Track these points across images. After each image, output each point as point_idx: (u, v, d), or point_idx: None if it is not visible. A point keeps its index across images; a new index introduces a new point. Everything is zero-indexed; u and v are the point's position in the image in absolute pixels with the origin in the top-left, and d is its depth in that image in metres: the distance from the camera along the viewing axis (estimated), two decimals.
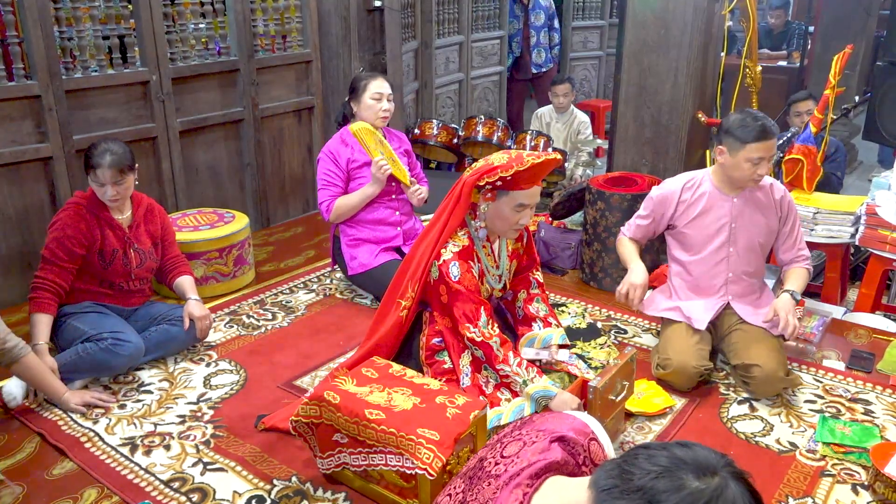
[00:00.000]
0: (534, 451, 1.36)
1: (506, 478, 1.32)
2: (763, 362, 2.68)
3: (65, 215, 2.86)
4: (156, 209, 3.15)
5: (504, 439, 1.48)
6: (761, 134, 2.64)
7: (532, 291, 2.74)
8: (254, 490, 2.29)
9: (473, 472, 1.43)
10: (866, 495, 2.26)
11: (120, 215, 2.98)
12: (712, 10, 3.96)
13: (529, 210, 2.46)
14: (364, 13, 4.69)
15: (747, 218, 2.85)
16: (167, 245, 3.17)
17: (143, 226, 3.05)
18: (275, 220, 4.79)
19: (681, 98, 4.02)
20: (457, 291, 2.43)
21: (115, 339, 2.77)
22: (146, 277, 3.08)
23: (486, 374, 2.49)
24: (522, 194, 2.40)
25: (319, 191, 3.49)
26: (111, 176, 2.81)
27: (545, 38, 6.71)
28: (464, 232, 2.51)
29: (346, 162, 3.45)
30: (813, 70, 6.83)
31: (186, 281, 3.15)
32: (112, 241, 2.92)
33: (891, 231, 3.22)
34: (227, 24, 4.31)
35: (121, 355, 2.77)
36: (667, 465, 1.07)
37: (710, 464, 1.08)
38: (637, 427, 2.59)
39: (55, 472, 2.39)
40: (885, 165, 5.70)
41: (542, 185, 2.50)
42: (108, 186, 2.82)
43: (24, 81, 3.44)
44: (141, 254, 3.01)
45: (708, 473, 1.06)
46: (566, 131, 5.42)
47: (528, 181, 2.39)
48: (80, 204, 2.89)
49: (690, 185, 2.90)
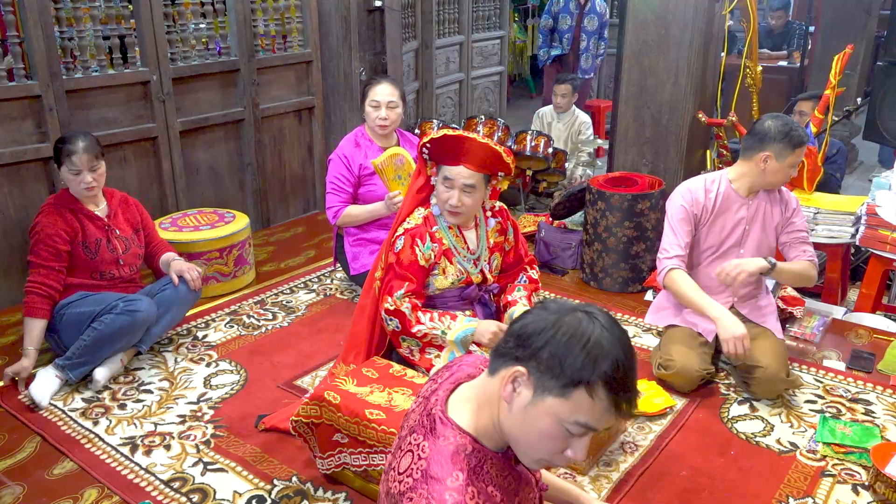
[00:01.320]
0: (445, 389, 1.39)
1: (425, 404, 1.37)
2: (765, 363, 2.68)
3: (42, 217, 2.90)
4: (130, 201, 3.19)
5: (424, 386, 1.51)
6: (802, 139, 2.72)
7: (518, 283, 2.75)
8: (254, 490, 2.29)
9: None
10: (867, 495, 2.26)
11: (95, 207, 3.01)
12: (713, 10, 3.96)
13: (459, 191, 2.43)
14: (364, 13, 4.69)
15: (760, 220, 2.86)
16: (148, 233, 3.22)
17: (120, 215, 3.10)
18: (275, 220, 4.79)
19: (681, 98, 4.02)
20: (390, 265, 2.48)
21: (127, 302, 2.83)
22: (135, 264, 3.12)
23: (408, 344, 2.51)
24: (447, 168, 2.44)
25: (328, 194, 3.47)
26: (87, 161, 2.86)
27: (594, 46, 6.66)
28: (423, 211, 2.55)
29: (357, 167, 3.43)
30: (813, 70, 6.83)
31: (170, 254, 3.22)
32: (93, 232, 2.96)
33: (891, 231, 3.22)
34: (228, 24, 4.31)
35: (137, 314, 2.83)
36: (541, 316, 1.22)
37: (576, 306, 1.23)
38: (637, 427, 2.59)
39: (55, 472, 2.39)
40: (885, 165, 5.70)
41: (509, 177, 2.50)
42: (85, 172, 2.86)
43: (25, 81, 3.44)
44: (124, 241, 3.06)
45: (575, 311, 1.21)
46: (567, 131, 5.41)
47: (448, 157, 2.42)
48: (54, 204, 2.93)
49: (711, 185, 2.88)
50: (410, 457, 1.28)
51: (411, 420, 1.36)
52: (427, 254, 2.48)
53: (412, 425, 1.34)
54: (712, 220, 2.87)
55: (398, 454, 1.33)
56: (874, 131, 4.08)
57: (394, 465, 1.32)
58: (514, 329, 1.24)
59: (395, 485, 1.28)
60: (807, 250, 2.89)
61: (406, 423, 1.39)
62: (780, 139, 2.69)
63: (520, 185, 4.88)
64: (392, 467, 1.32)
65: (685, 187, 2.92)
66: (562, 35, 6.59)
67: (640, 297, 3.67)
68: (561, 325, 1.19)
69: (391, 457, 1.36)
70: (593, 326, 1.18)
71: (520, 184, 4.88)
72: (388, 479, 1.33)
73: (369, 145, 3.44)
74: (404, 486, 1.25)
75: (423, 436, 1.29)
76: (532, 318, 1.23)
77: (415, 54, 5.75)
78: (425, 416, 1.32)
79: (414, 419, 1.35)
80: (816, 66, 6.80)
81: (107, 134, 3.76)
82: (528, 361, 1.19)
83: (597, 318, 1.20)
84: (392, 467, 1.32)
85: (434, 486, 1.22)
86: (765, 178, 2.78)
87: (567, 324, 1.19)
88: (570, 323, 1.19)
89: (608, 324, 1.20)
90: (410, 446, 1.30)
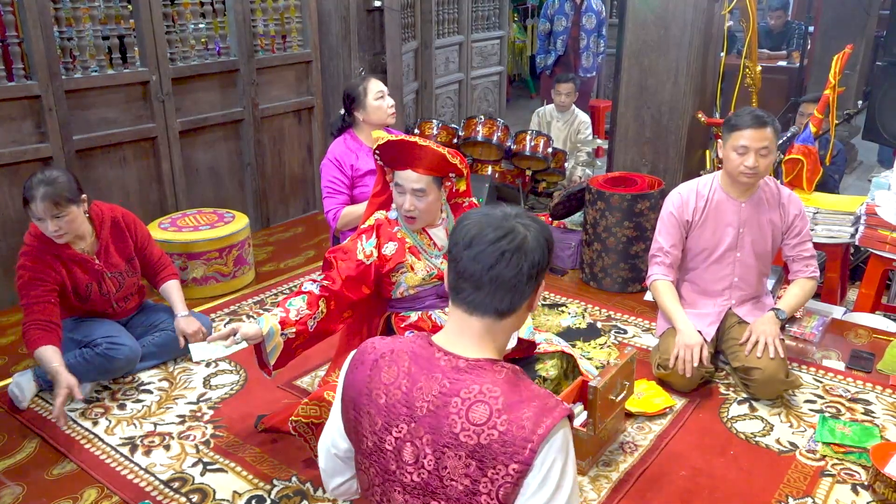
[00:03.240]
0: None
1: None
2: (763, 365, 2.68)
3: (26, 261, 2.66)
4: (121, 222, 2.90)
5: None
6: (751, 121, 2.64)
7: None
8: (254, 490, 2.29)
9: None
10: (866, 495, 2.26)
11: (82, 244, 2.75)
12: (712, 10, 3.96)
13: (410, 196, 2.41)
14: (364, 13, 4.69)
15: (755, 223, 2.84)
16: (145, 252, 3.01)
17: (111, 247, 2.84)
18: (275, 221, 4.79)
19: (681, 98, 4.02)
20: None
21: (110, 344, 2.75)
22: (129, 295, 2.97)
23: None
24: (397, 174, 2.43)
25: (325, 199, 3.47)
26: (45, 209, 2.54)
27: (594, 44, 6.65)
28: (381, 214, 2.56)
29: (350, 169, 3.44)
30: (813, 70, 6.83)
31: (173, 289, 3.02)
32: (82, 277, 2.75)
33: (890, 231, 3.22)
34: (227, 24, 4.31)
35: (117, 359, 2.76)
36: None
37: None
38: (637, 427, 2.59)
39: (55, 472, 2.39)
40: (884, 165, 5.69)
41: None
42: (48, 221, 2.57)
43: (24, 81, 3.44)
44: (117, 277, 2.86)
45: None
46: (566, 130, 5.41)
47: (396, 162, 2.41)
48: (35, 247, 2.66)
49: (703, 187, 2.89)
50: (481, 406, 1.25)
51: (428, 395, 1.31)
52: (369, 250, 2.45)
53: (442, 393, 1.30)
54: (704, 224, 2.87)
55: (444, 427, 1.27)
56: (874, 131, 4.09)
57: (454, 431, 1.26)
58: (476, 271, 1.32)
59: (488, 433, 1.23)
60: (809, 265, 2.88)
61: (413, 405, 1.32)
62: (727, 122, 2.73)
63: (519, 185, 4.89)
64: (450, 436, 1.26)
65: (676, 192, 2.93)
66: (556, 37, 6.58)
67: (639, 297, 3.67)
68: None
69: (415, 446, 1.31)
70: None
71: (519, 184, 4.88)
72: (451, 447, 1.27)
73: (359, 147, 3.44)
74: (503, 425, 1.23)
75: (476, 385, 1.28)
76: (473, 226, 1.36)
77: (414, 54, 5.76)
78: (453, 375, 1.31)
79: (432, 394, 1.30)
80: (816, 65, 6.81)
81: (106, 134, 3.77)
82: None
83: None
84: (450, 436, 1.26)
85: (530, 405, 1.25)
86: (724, 168, 2.80)
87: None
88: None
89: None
90: (467, 403, 1.27)
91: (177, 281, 3.09)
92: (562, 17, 6.54)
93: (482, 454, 1.24)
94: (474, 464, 1.25)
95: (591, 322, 3.38)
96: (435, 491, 1.29)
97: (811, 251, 2.89)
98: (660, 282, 2.91)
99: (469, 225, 1.34)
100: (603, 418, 2.34)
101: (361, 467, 1.42)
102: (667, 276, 2.91)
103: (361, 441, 1.38)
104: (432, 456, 1.28)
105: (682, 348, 2.73)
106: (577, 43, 6.58)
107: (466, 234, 1.32)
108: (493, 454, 1.23)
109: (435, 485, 1.29)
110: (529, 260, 1.31)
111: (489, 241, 1.30)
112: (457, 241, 1.34)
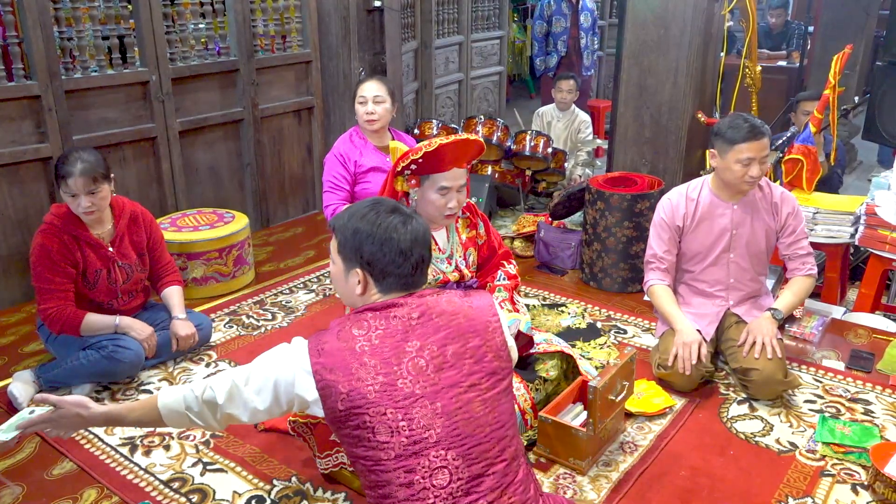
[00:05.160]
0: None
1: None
2: (761, 366, 2.68)
3: (43, 240, 2.70)
4: (139, 217, 2.96)
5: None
6: (750, 133, 2.64)
7: (497, 283, 2.74)
8: (253, 490, 2.29)
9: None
10: (866, 495, 2.26)
11: (100, 229, 2.81)
12: (712, 10, 3.96)
13: (456, 193, 2.46)
14: (364, 13, 4.69)
15: (748, 225, 2.84)
16: (155, 252, 3.03)
17: (126, 238, 2.89)
18: (274, 221, 4.79)
19: (680, 98, 4.02)
20: None
21: (116, 346, 2.75)
22: (134, 290, 2.96)
23: None
24: (442, 177, 2.42)
25: (326, 193, 3.47)
26: (83, 185, 2.63)
27: (591, 42, 6.67)
28: None
29: (353, 165, 3.44)
30: (813, 70, 6.82)
31: (174, 293, 3.04)
32: (94, 262, 2.78)
33: (890, 231, 3.22)
34: (227, 24, 4.31)
35: (122, 362, 2.76)
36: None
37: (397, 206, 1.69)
38: (637, 427, 2.59)
39: (55, 472, 2.39)
40: (884, 165, 5.69)
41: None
42: (82, 197, 2.64)
43: (24, 81, 3.44)
44: (126, 269, 2.88)
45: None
46: (567, 130, 5.41)
47: (445, 163, 2.41)
48: (55, 225, 2.71)
49: (693, 192, 2.90)
50: (448, 302, 1.67)
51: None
52: None
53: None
54: (696, 228, 2.88)
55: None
56: (873, 131, 4.08)
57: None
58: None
59: (465, 312, 1.66)
60: (806, 262, 2.88)
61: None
62: (719, 135, 2.71)
63: (519, 185, 4.89)
64: (445, 329, 1.61)
65: (666, 198, 2.94)
66: (557, 38, 6.58)
67: (639, 297, 3.67)
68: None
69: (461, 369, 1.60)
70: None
71: (519, 184, 4.88)
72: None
73: (364, 144, 3.44)
74: (468, 303, 1.69)
75: (434, 294, 1.68)
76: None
77: (414, 54, 5.76)
78: (417, 299, 1.64)
79: (410, 316, 1.61)
80: (816, 65, 6.80)
81: (106, 134, 3.76)
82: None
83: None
84: (445, 329, 1.61)
85: (474, 292, 1.81)
86: (719, 175, 2.79)
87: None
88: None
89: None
90: (439, 305, 1.64)
91: (180, 287, 3.09)
92: (560, 18, 6.54)
93: (471, 326, 1.62)
94: (471, 335, 1.61)
95: (591, 322, 3.38)
96: (456, 381, 1.56)
97: (807, 248, 2.89)
98: (656, 286, 2.93)
99: (384, 238, 1.61)
100: (603, 418, 2.34)
101: (377, 419, 1.51)
102: (663, 280, 2.93)
103: (366, 394, 1.50)
104: (438, 353, 1.56)
105: (681, 346, 2.73)
106: (577, 42, 6.58)
107: (397, 248, 1.62)
108: (476, 321, 1.64)
109: (452, 374, 1.56)
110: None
111: (421, 238, 1.66)
112: (383, 257, 1.62)
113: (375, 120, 3.39)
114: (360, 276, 1.63)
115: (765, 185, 2.87)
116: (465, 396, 1.55)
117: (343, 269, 1.67)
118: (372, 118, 3.38)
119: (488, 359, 1.61)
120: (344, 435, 1.56)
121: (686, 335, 2.76)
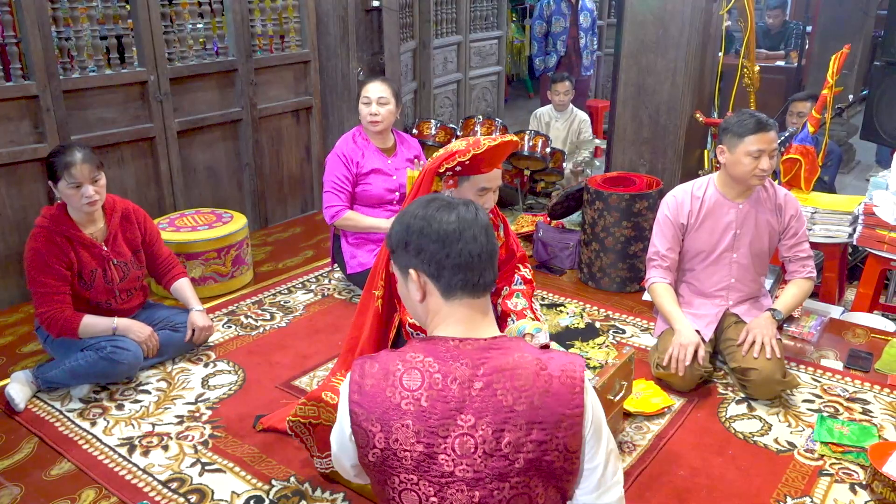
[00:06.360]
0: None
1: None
2: (760, 366, 2.68)
3: (35, 244, 2.68)
4: (132, 214, 2.95)
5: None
6: (758, 126, 2.66)
7: (514, 287, 2.73)
8: (252, 490, 2.29)
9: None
10: (864, 494, 2.26)
11: (92, 228, 2.80)
12: (710, 10, 3.96)
13: (492, 194, 2.47)
14: (362, 13, 4.69)
15: (752, 224, 2.85)
16: (153, 248, 3.03)
17: (120, 235, 2.88)
18: (273, 221, 4.79)
19: (679, 98, 4.02)
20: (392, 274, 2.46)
21: (114, 347, 2.74)
22: (132, 289, 2.95)
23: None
24: (483, 178, 2.42)
25: (327, 193, 3.46)
26: (88, 171, 2.64)
27: (590, 42, 6.66)
28: None
29: (355, 166, 3.43)
30: (811, 70, 6.84)
31: (185, 286, 3.07)
32: (89, 261, 2.77)
33: (888, 231, 3.23)
34: (226, 24, 4.30)
35: (120, 363, 2.75)
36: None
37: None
38: (635, 427, 2.59)
39: (53, 472, 2.38)
40: (882, 165, 5.70)
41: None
42: (87, 185, 2.64)
43: (22, 81, 3.44)
44: (122, 267, 2.87)
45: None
46: (566, 131, 5.42)
47: (487, 164, 2.41)
48: (47, 227, 2.69)
49: (699, 190, 2.90)
50: (522, 373, 1.33)
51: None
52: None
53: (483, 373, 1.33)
54: (700, 226, 2.88)
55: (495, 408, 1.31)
56: (871, 131, 4.09)
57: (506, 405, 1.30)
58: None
59: (539, 395, 1.31)
60: (806, 265, 2.89)
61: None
62: (727, 130, 2.72)
63: (517, 185, 4.89)
64: (505, 411, 1.30)
65: (671, 195, 2.94)
66: (556, 38, 6.57)
67: (638, 297, 3.67)
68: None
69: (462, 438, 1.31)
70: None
71: (518, 184, 4.88)
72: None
73: (366, 145, 3.44)
74: (547, 383, 1.33)
75: (508, 357, 1.35)
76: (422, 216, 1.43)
77: (412, 54, 5.76)
78: (482, 355, 1.35)
79: (469, 381, 1.32)
80: (814, 65, 6.82)
81: (104, 134, 3.76)
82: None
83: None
84: (505, 411, 1.30)
85: (555, 359, 1.36)
86: (728, 171, 2.79)
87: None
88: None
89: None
90: (507, 374, 1.33)
91: (187, 279, 3.12)
92: (560, 18, 6.54)
93: (537, 415, 1.30)
94: (535, 427, 1.30)
95: (590, 322, 3.38)
96: (503, 473, 1.31)
97: (808, 252, 2.89)
98: (657, 284, 2.93)
99: (424, 223, 1.38)
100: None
101: (407, 486, 1.35)
102: (664, 278, 2.93)
103: (402, 459, 1.33)
104: (492, 437, 1.30)
105: (678, 347, 2.74)
106: (576, 42, 6.58)
107: (440, 230, 1.37)
108: (547, 411, 1.30)
109: (501, 466, 1.30)
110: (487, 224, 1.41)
111: (470, 222, 1.38)
112: (428, 244, 1.37)
113: (379, 122, 3.39)
114: (415, 277, 1.41)
115: (769, 185, 2.88)
116: (509, 493, 1.32)
117: (401, 278, 1.47)
118: (375, 119, 3.38)
119: (549, 459, 1.31)
120: (369, 474, 1.44)
121: (684, 336, 2.76)
